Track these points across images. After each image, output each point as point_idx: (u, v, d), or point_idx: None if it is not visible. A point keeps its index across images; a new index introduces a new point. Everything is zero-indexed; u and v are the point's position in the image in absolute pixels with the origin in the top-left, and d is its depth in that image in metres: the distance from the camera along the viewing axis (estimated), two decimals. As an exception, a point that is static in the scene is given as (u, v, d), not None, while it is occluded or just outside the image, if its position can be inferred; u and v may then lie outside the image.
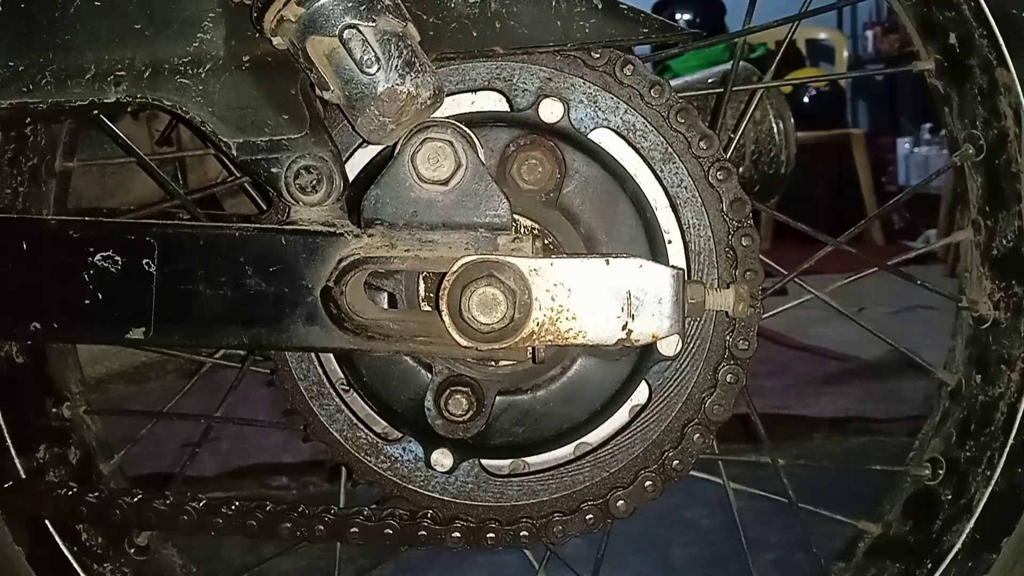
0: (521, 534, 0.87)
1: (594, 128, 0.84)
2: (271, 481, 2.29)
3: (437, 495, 0.89)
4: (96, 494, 0.91)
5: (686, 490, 0.93)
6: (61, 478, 1.02)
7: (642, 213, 0.84)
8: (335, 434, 0.89)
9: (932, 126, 6.20)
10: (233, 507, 0.89)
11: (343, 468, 0.95)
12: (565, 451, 0.89)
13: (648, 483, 0.86)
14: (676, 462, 0.86)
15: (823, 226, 0.98)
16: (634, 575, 1.73)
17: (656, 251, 0.84)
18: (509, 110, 0.84)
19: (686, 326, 0.83)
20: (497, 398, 0.86)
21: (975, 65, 0.88)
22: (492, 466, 0.89)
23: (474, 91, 0.84)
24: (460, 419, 0.84)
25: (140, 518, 0.90)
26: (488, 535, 0.87)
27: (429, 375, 0.86)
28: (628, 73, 0.83)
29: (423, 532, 0.87)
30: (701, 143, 0.83)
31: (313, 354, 0.88)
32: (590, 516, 0.87)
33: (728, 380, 0.84)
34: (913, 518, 0.98)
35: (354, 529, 0.87)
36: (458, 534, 0.87)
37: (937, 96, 0.96)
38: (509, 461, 0.89)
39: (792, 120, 1.94)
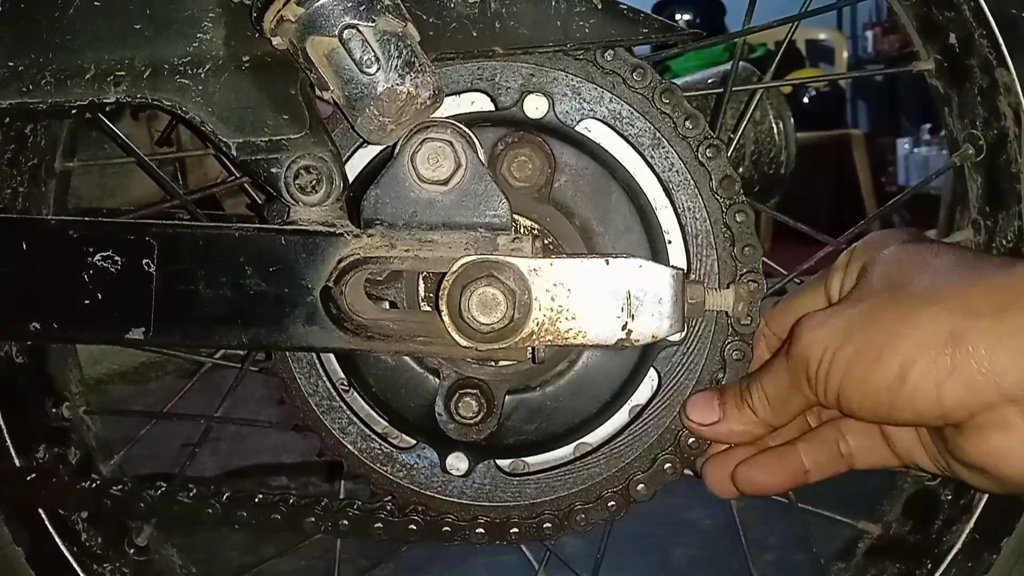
0: (544, 526, 0.88)
1: (580, 120, 0.84)
2: (271, 481, 2.30)
3: (455, 499, 0.88)
4: (120, 487, 0.92)
5: (686, 490, 0.93)
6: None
7: (635, 200, 0.84)
8: (348, 447, 0.89)
9: (932, 126, 6.20)
10: (255, 501, 0.89)
11: (343, 467, 0.95)
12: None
13: (667, 465, 0.86)
14: (692, 440, 0.86)
15: (823, 226, 0.98)
16: (634, 575, 1.74)
17: (652, 238, 0.84)
18: (494, 109, 0.84)
19: (686, 326, 0.82)
20: (507, 397, 0.86)
21: (975, 65, 0.88)
22: (507, 466, 0.89)
23: (457, 93, 0.84)
24: (472, 421, 0.83)
25: (164, 512, 0.91)
26: (512, 531, 0.88)
27: (437, 380, 0.85)
28: (609, 59, 0.83)
29: (447, 528, 0.88)
30: (687, 123, 0.83)
31: (318, 365, 0.88)
32: (612, 503, 0.87)
33: (735, 357, 0.84)
34: (913, 518, 0.98)
35: (378, 524, 0.88)
36: (482, 530, 0.88)
37: (937, 96, 0.96)
38: (533, 458, 0.89)
39: (792, 120, 1.94)
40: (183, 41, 0.78)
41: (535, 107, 0.83)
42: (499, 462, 0.88)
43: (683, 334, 0.84)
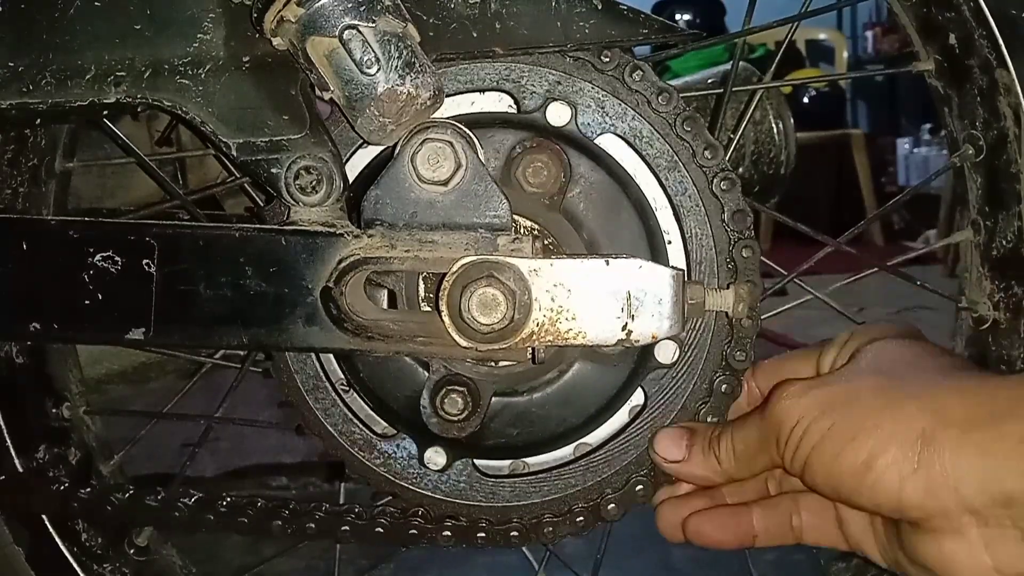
0: (511, 534, 0.87)
1: (601, 133, 0.84)
2: (271, 481, 2.30)
3: (429, 493, 0.88)
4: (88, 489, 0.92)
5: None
6: (60, 478, 1.02)
7: (645, 220, 0.84)
8: (330, 428, 0.89)
9: (932, 126, 6.21)
10: (237, 505, 0.90)
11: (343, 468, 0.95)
12: (562, 453, 0.88)
13: (639, 487, 0.86)
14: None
15: (823, 226, 0.98)
16: (634, 575, 1.73)
17: (658, 258, 0.84)
18: (517, 111, 0.84)
19: (685, 328, 0.83)
20: (493, 399, 0.86)
21: (975, 66, 0.88)
22: (485, 466, 0.89)
23: (482, 91, 0.84)
24: (455, 418, 0.83)
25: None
26: (479, 534, 0.88)
27: (427, 373, 0.86)
28: (637, 79, 0.83)
29: (414, 531, 0.87)
30: (706, 152, 0.83)
31: (314, 356, 0.88)
32: (580, 519, 0.87)
33: (723, 390, 0.84)
34: (913, 518, 0.98)
35: (346, 528, 0.88)
36: (449, 532, 0.87)
37: (937, 96, 0.96)
38: (508, 462, 0.89)
39: (792, 120, 1.94)
40: (183, 41, 0.78)
41: (558, 115, 0.83)
42: (477, 462, 0.88)
43: (675, 357, 0.84)
